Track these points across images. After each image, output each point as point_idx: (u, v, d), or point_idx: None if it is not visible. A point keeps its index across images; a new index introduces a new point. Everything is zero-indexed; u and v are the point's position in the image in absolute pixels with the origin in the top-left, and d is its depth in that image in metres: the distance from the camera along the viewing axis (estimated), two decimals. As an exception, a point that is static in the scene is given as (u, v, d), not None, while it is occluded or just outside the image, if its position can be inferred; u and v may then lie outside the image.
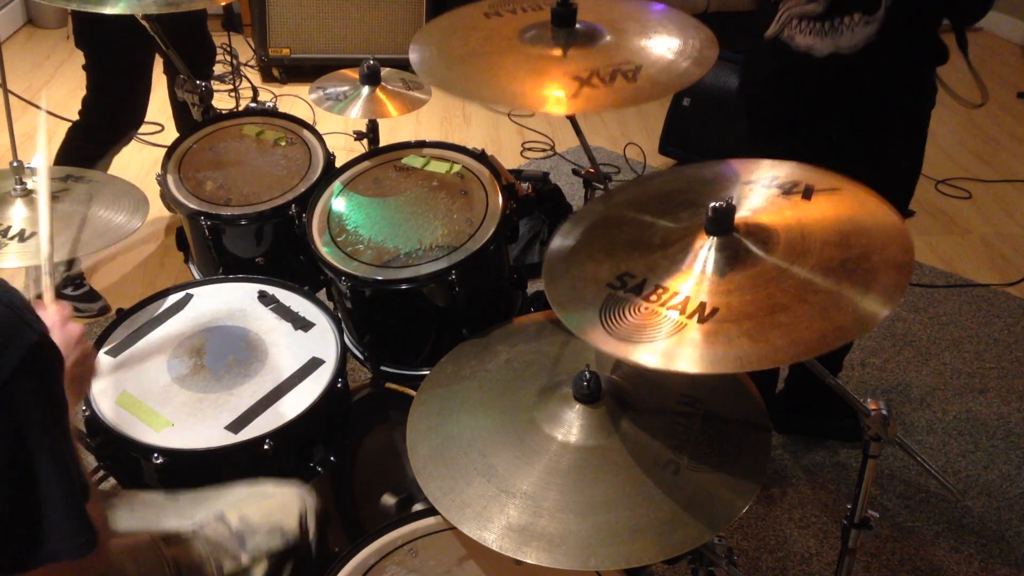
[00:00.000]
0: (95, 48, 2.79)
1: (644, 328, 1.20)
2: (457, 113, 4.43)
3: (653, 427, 1.40)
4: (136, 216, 1.77)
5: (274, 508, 1.48)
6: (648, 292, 1.24)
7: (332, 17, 4.44)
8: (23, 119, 3.87)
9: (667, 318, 1.20)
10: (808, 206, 1.34)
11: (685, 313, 1.20)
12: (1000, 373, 2.84)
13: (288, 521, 1.47)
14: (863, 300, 1.16)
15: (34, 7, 5.11)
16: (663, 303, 1.22)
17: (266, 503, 1.48)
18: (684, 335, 1.17)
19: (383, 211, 1.91)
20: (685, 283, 1.24)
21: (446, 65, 1.72)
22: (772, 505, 2.36)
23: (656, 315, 1.21)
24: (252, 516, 1.45)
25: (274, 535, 1.44)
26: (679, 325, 1.18)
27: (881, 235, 1.27)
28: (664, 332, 1.18)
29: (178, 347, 1.74)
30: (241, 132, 2.22)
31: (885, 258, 1.22)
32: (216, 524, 1.43)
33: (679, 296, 1.22)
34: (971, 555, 2.26)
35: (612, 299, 1.25)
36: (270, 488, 1.52)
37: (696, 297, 1.22)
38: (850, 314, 1.15)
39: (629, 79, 1.60)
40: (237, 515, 1.45)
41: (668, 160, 4.01)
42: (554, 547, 1.25)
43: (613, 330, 1.21)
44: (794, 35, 1.97)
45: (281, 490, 1.51)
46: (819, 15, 1.92)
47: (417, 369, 1.89)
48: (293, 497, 1.50)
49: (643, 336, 1.19)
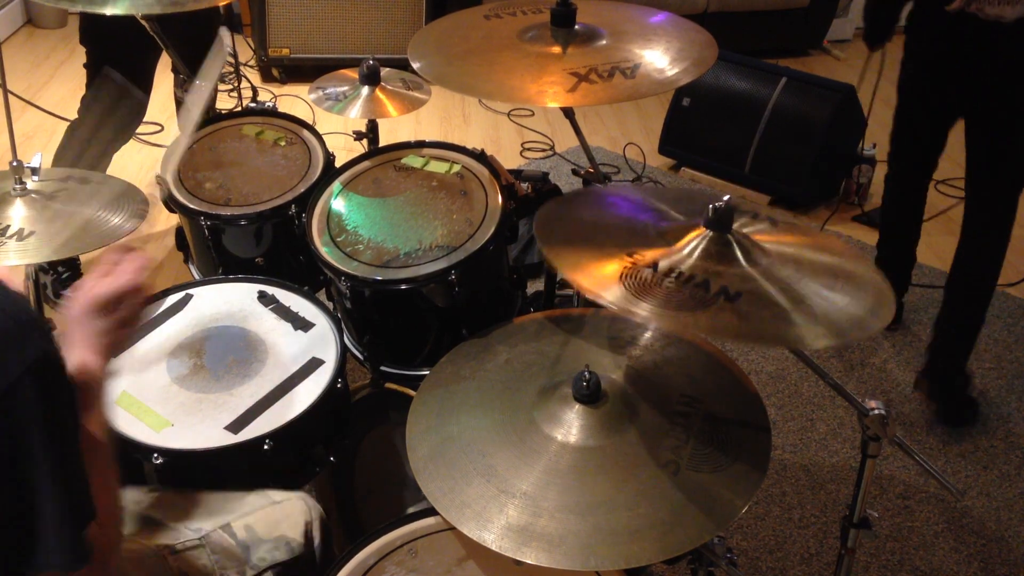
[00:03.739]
0: (98, 47, 2.79)
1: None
2: (457, 113, 4.43)
3: (653, 427, 1.40)
4: (136, 216, 1.77)
5: (280, 519, 1.47)
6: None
7: (332, 17, 4.44)
8: (23, 119, 3.87)
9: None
10: (810, 252, 1.38)
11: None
12: (1000, 373, 2.84)
13: (293, 532, 1.46)
14: (805, 327, 1.20)
15: (34, 7, 5.11)
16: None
17: (272, 514, 1.48)
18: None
19: (383, 211, 1.91)
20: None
21: (445, 61, 1.73)
22: (772, 505, 2.36)
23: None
24: (257, 527, 1.45)
25: (279, 546, 1.44)
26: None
27: (863, 286, 1.31)
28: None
29: (178, 347, 1.74)
30: (241, 132, 2.22)
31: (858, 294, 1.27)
32: (222, 535, 1.42)
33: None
34: (971, 555, 2.26)
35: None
36: (276, 497, 1.51)
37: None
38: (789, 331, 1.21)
39: (627, 76, 1.61)
40: (243, 525, 1.44)
41: (668, 160, 4.01)
42: (554, 547, 1.25)
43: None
44: (983, 6, 2.26)
45: (287, 499, 1.51)
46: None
47: (417, 369, 1.89)
48: (299, 507, 1.50)
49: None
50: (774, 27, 5.01)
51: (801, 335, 1.20)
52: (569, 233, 1.40)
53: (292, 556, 1.45)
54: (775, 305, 1.23)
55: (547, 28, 1.74)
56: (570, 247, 1.35)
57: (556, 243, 1.36)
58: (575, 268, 1.29)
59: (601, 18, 1.79)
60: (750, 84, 3.72)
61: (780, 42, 5.02)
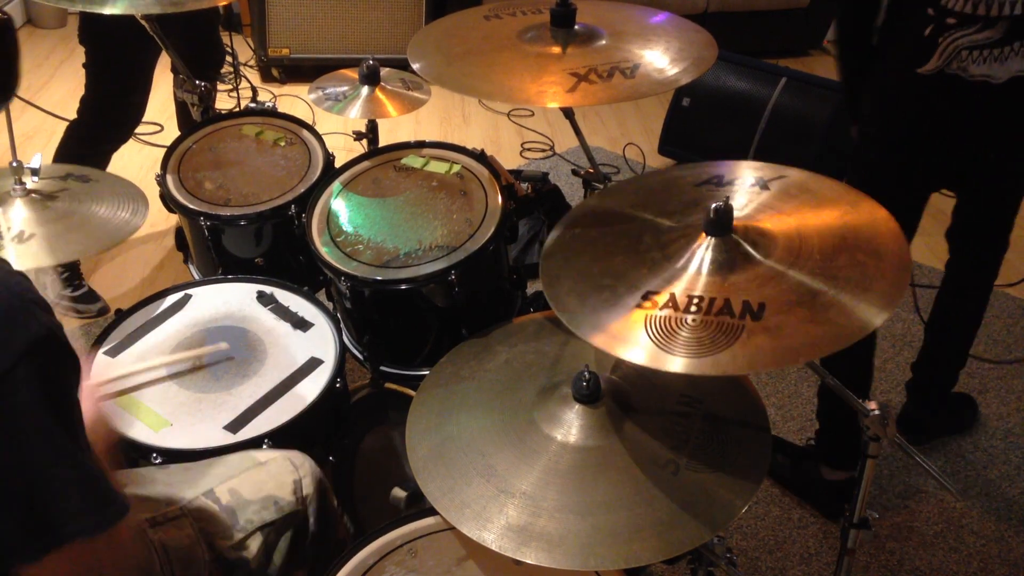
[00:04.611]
0: (97, 46, 2.79)
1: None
2: (457, 113, 4.43)
3: (653, 427, 1.40)
4: (136, 216, 1.76)
5: (265, 478, 1.43)
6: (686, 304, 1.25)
7: (332, 17, 4.44)
8: (23, 119, 3.87)
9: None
10: (807, 212, 1.35)
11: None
12: (1000, 373, 2.84)
13: (281, 491, 1.43)
14: (858, 306, 1.17)
15: (34, 7, 5.10)
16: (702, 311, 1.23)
17: (256, 474, 1.44)
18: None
19: (382, 211, 1.91)
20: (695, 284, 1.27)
21: (445, 62, 1.73)
22: (772, 505, 2.36)
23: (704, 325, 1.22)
24: (242, 489, 1.41)
25: (267, 506, 1.40)
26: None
27: (879, 241, 1.28)
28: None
29: (177, 347, 1.74)
30: (240, 132, 2.22)
31: (882, 264, 1.23)
32: (205, 501, 1.38)
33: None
34: (971, 555, 2.25)
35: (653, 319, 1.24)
36: (261, 457, 1.47)
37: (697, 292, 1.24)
38: (845, 320, 1.16)
39: (627, 76, 1.61)
40: (227, 489, 1.40)
41: (667, 160, 4.01)
42: (553, 547, 1.25)
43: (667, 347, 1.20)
44: (967, 66, 1.94)
45: (272, 458, 1.47)
46: (996, 41, 1.92)
47: (417, 369, 1.89)
48: (285, 466, 1.46)
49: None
50: (774, 27, 5.01)
51: (862, 316, 1.16)
52: (576, 282, 1.35)
53: (282, 515, 1.41)
54: (805, 300, 1.20)
55: (547, 28, 1.74)
56: (583, 303, 1.30)
57: (569, 305, 1.31)
58: (596, 330, 1.25)
59: (601, 18, 1.79)
60: (750, 84, 3.72)
61: (780, 42, 5.02)
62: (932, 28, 1.95)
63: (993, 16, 1.90)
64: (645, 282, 1.28)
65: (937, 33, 1.95)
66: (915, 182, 2.15)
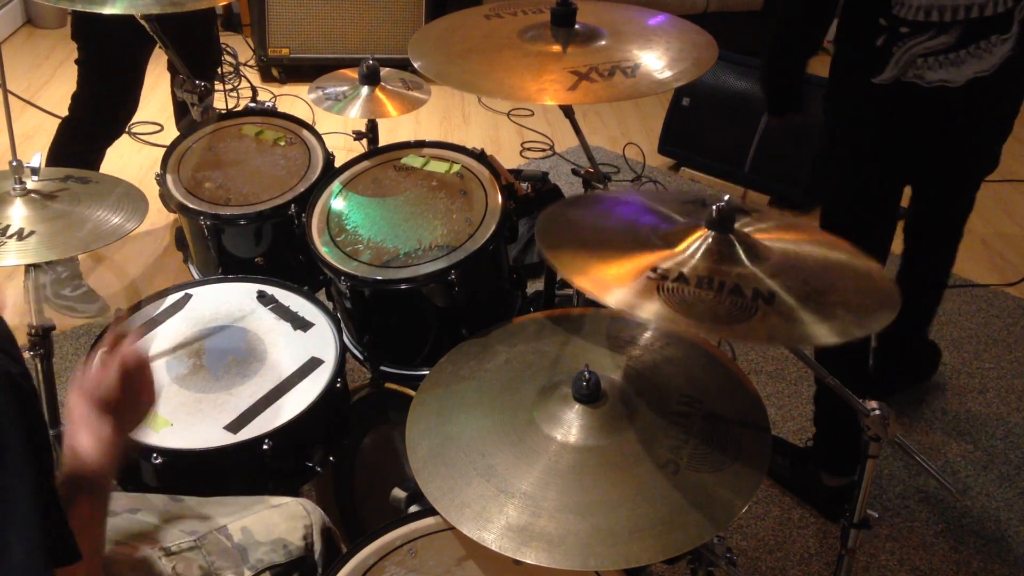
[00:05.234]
0: (90, 43, 2.78)
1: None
2: (457, 113, 4.43)
3: (653, 427, 1.40)
4: (136, 216, 1.76)
5: (278, 521, 1.46)
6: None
7: (331, 17, 4.44)
8: (23, 119, 3.87)
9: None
10: (812, 247, 1.38)
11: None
12: (1000, 373, 2.84)
13: (291, 536, 1.45)
14: (812, 325, 1.20)
15: (34, 7, 5.10)
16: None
17: (269, 517, 1.46)
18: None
19: (382, 211, 1.91)
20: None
21: (446, 60, 1.73)
22: (772, 505, 2.36)
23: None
24: (254, 529, 1.43)
25: (276, 549, 1.43)
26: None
27: (862, 282, 1.32)
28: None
29: (177, 347, 1.74)
30: (240, 132, 2.22)
31: (849, 300, 1.26)
32: (217, 536, 1.41)
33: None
34: (971, 555, 2.26)
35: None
36: (274, 501, 1.50)
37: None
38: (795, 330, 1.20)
39: (628, 75, 1.61)
40: (239, 527, 1.43)
41: (667, 160, 4.01)
42: (553, 547, 1.25)
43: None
44: (923, 73, 1.93)
45: (284, 503, 1.50)
46: (951, 46, 1.91)
47: (417, 369, 1.89)
48: (297, 511, 1.49)
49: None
50: (774, 27, 5.01)
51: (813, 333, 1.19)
52: (575, 244, 1.36)
53: (290, 559, 1.43)
54: (799, 302, 1.22)
55: (547, 28, 1.75)
56: (581, 258, 1.31)
57: (563, 252, 1.32)
58: (599, 285, 1.25)
59: (601, 18, 1.79)
60: (750, 84, 3.72)
61: (780, 42, 5.02)
62: (885, 38, 1.94)
63: (947, 22, 1.89)
64: (650, 262, 1.28)
65: (891, 42, 1.93)
66: (885, 185, 2.15)
